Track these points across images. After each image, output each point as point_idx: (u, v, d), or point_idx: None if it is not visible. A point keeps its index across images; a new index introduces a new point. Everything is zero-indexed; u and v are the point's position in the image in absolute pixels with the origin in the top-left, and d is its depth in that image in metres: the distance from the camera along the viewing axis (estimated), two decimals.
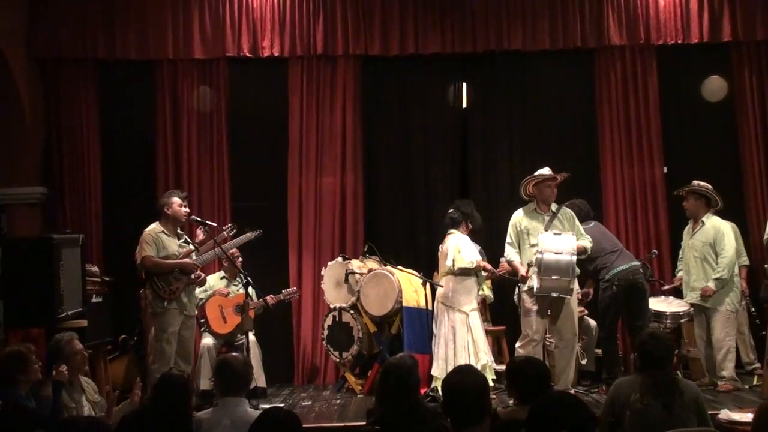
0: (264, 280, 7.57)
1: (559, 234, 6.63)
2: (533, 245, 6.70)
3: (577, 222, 6.94)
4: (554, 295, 6.47)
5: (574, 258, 6.49)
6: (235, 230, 7.10)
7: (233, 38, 8.30)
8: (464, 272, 6.99)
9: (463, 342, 6.89)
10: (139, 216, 7.21)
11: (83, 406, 5.09)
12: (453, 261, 6.96)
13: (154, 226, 6.57)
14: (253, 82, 8.62)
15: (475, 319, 7.01)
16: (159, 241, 6.48)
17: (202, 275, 6.86)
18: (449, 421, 3.48)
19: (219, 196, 8.39)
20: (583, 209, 7.23)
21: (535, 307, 6.65)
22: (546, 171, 6.90)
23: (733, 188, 8.29)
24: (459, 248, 6.98)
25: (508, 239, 6.93)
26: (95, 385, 5.48)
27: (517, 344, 6.83)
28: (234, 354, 4.86)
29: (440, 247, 7.29)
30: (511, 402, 4.04)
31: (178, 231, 6.71)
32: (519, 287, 6.81)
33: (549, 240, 6.52)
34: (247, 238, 7.10)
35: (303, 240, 8.33)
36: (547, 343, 7.03)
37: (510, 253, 6.88)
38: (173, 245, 6.55)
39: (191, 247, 6.69)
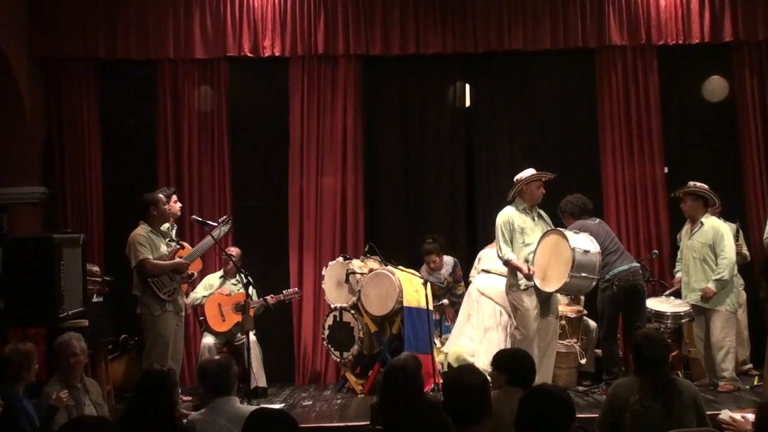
0: (265, 280, 7.56)
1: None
2: (527, 244, 6.68)
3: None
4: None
5: (600, 257, 6.61)
6: (230, 221, 7.05)
7: (234, 38, 8.30)
8: None
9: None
10: (140, 215, 7.19)
11: (85, 407, 5.08)
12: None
13: (142, 227, 6.43)
14: (253, 81, 8.60)
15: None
16: (151, 242, 6.37)
17: (194, 273, 6.79)
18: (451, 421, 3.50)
19: (220, 196, 8.39)
20: (587, 204, 7.22)
21: (534, 305, 6.62)
22: (533, 171, 6.85)
23: (733, 188, 8.30)
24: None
25: (501, 238, 6.71)
26: (99, 388, 5.47)
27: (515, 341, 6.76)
28: (213, 357, 4.84)
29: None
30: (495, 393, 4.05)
31: (162, 229, 6.58)
32: (515, 287, 6.71)
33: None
34: (223, 232, 6.91)
35: (304, 240, 8.33)
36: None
37: (507, 252, 6.68)
38: (163, 246, 6.45)
39: (176, 245, 6.60)
